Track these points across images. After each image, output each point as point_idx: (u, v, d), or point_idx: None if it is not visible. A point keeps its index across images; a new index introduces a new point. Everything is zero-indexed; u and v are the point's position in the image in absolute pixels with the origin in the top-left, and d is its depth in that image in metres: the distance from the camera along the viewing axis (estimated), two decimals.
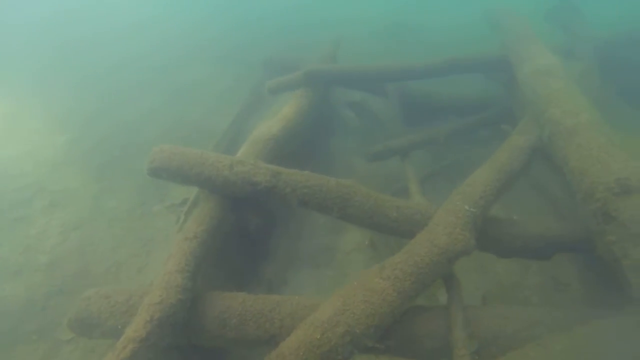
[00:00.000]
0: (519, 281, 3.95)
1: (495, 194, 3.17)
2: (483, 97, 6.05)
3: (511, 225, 3.29)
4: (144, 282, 4.21)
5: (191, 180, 3.35)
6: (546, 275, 3.91)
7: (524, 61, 4.36)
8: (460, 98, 6.16)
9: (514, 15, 5.65)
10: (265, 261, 4.41)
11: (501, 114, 5.43)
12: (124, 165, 5.84)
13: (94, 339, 2.95)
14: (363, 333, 2.41)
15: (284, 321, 2.69)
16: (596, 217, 2.64)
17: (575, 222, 3.22)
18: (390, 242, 4.33)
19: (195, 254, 2.90)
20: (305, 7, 12.49)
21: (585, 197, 2.76)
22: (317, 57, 6.20)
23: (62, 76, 8.14)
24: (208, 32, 10.44)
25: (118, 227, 4.80)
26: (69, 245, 4.50)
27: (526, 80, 4.04)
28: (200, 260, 2.92)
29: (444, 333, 2.65)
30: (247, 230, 4.03)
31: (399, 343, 2.65)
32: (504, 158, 3.36)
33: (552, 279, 3.87)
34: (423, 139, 5.13)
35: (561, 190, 3.97)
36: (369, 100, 6.71)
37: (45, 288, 4.07)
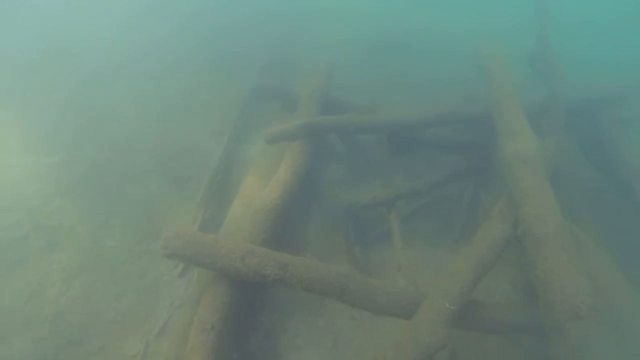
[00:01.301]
0: (484, 338, 4.61)
1: (472, 288, 3.69)
2: (467, 139, 6.37)
3: (483, 309, 3.86)
4: (150, 332, 4.56)
5: (205, 267, 3.65)
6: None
7: (506, 135, 4.75)
8: (444, 137, 6.49)
9: (500, 66, 5.86)
10: (262, 309, 4.85)
11: (482, 165, 5.88)
12: (117, 197, 5.94)
13: None
14: None
15: None
16: (551, 328, 3.23)
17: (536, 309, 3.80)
18: None
19: (214, 347, 3.29)
20: (292, 15, 12.08)
21: (545, 308, 3.33)
22: (310, 89, 6.28)
23: (37, 85, 7.77)
24: (195, 35, 10.01)
25: (119, 271, 5.03)
26: (72, 294, 4.72)
27: (506, 162, 4.46)
28: (219, 352, 3.31)
29: None
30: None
31: None
32: (482, 251, 3.84)
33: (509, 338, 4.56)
34: (407, 191, 5.56)
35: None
36: None
37: (54, 340, 4.34)
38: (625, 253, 4.41)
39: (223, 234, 4.54)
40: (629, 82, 6.25)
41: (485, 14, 12.78)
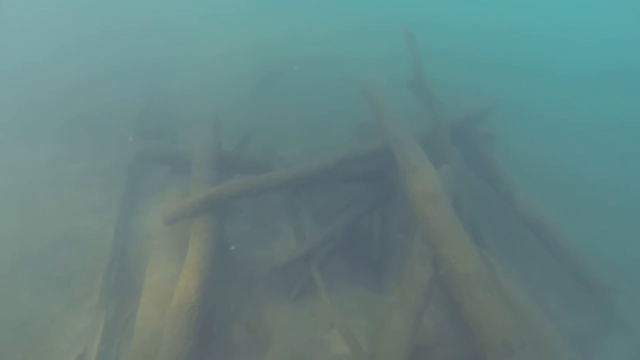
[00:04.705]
0: None
1: (412, 340, 3.76)
2: (365, 168, 6.46)
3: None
4: None
5: None
6: None
7: (409, 172, 4.95)
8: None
9: (387, 99, 6.13)
10: None
11: (385, 194, 6.11)
12: None
13: None
14: None
15: None
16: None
17: None
18: None
19: None
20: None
21: (482, 345, 3.55)
22: (201, 150, 5.80)
23: None
24: (45, 91, 8.47)
25: None
26: None
27: (414, 202, 4.66)
28: None
29: None
30: None
31: None
32: (413, 300, 3.95)
33: None
34: (322, 238, 5.50)
35: None
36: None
37: None
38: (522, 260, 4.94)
39: (136, 349, 3.88)
40: (486, 101, 7.14)
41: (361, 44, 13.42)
